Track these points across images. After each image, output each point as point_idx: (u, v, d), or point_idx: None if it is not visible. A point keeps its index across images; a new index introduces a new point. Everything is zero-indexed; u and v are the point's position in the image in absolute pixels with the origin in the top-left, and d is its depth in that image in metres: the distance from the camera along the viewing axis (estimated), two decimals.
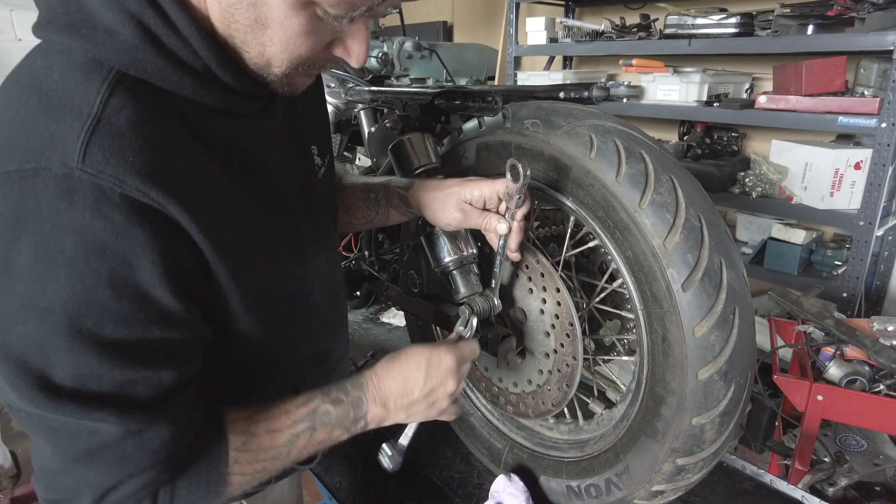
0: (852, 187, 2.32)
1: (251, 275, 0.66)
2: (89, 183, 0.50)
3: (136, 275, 0.54)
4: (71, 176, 0.50)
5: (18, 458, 2.21)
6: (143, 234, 0.53)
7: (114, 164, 0.51)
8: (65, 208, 0.50)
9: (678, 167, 0.86)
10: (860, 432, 1.77)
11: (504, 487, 1.09)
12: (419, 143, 1.04)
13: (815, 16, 2.23)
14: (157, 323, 0.57)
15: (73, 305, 0.52)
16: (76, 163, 0.50)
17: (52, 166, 0.50)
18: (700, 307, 0.79)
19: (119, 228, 0.52)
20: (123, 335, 0.55)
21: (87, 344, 0.53)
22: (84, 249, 0.51)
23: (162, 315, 0.57)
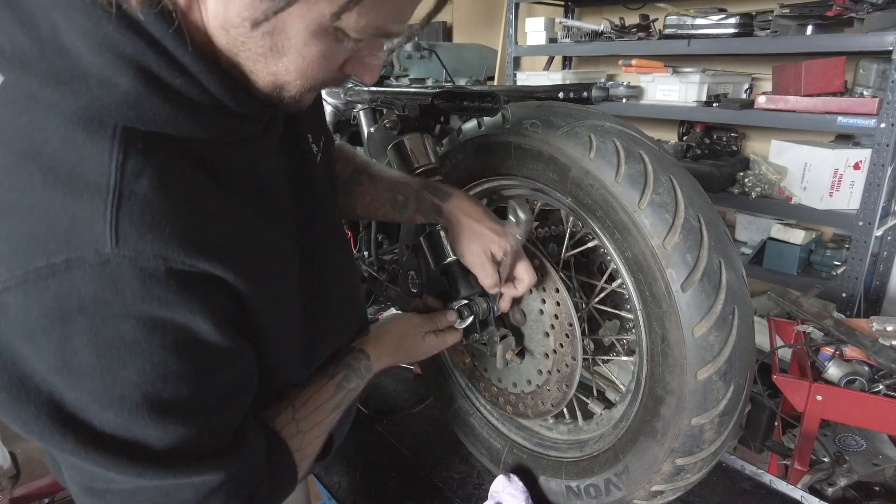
0: (851, 187, 2.32)
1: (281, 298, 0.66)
2: (130, 267, 0.47)
3: (200, 338, 0.53)
4: (109, 263, 0.47)
5: (18, 459, 2.21)
6: (198, 301, 0.52)
7: (150, 240, 0.48)
8: (113, 299, 0.48)
9: (677, 167, 0.86)
10: (859, 432, 1.77)
11: (503, 488, 1.09)
12: (418, 143, 1.04)
13: (815, 16, 2.23)
14: (224, 367, 0.58)
15: (147, 385, 0.51)
16: (111, 248, 0.47)
17: (85, 256, 0.46)
18: (699, 307, 0.79)
19: (173, 304, 0.50)
20: (202, 391, 0.55)
21: (171, 414, 0.53)
22: (143, 331, 0.50)
23: (232, 359, 0.59)
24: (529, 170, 0.98)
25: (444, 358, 1.36)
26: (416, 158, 1.06)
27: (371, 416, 1.48)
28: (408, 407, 1.52)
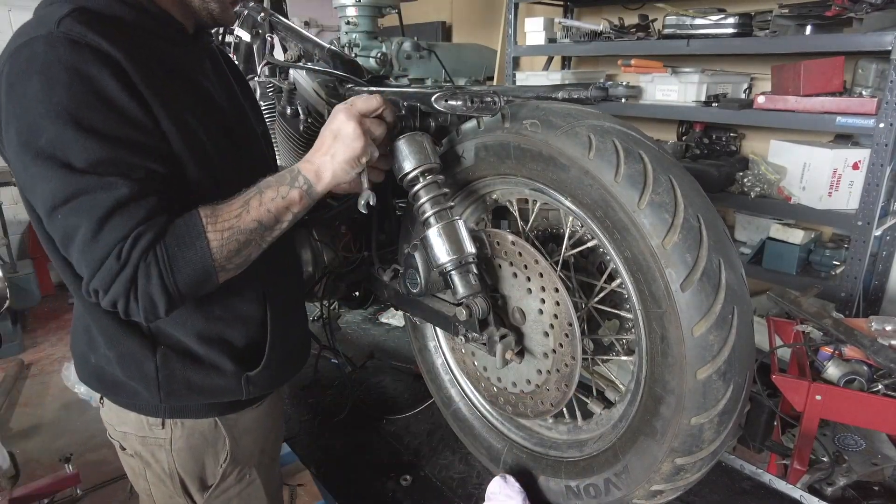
0: (850, 187, 2.33)
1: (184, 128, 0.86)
2: (64, 37, 0.77)
3: (105, 88, 0.78)
4: (51, 35, 0.77)
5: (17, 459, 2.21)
6: (104, 65, 0.78)
7: (78, 29, 0.77)
8: (50, 51, 0.76)
9: (677, 167, 0.86)
10: (858, 432, 1.77)
11: (500, 489, 1.09)
12: (417, 143, 1.04)
13: (814, 16, 2.23)
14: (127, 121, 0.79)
15: (71, 107, 0.75)
16: (54, 27, 0.77)
17: (39, 33, 0.78)
18: (699, 307, 0.79)
19: (87, 59, 0.77)
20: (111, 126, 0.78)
21: (89, 132, 0.76)
22: (68, 72, 0.76)
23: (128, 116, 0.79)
24: (529, 170, 0.99)
25: (443, 357, 1.36)
26: (415, 158, 1.06)
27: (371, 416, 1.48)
28: (407, 407, 1.52)
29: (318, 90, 1.64)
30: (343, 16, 1.95)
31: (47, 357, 3.55)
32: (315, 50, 1.66)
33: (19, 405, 3.07)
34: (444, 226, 0.99)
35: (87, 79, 0.77)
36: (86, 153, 0.76)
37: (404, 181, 1.04)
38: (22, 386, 3.25)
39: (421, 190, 1.02)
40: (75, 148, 0.76)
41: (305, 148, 1.85)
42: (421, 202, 1.01)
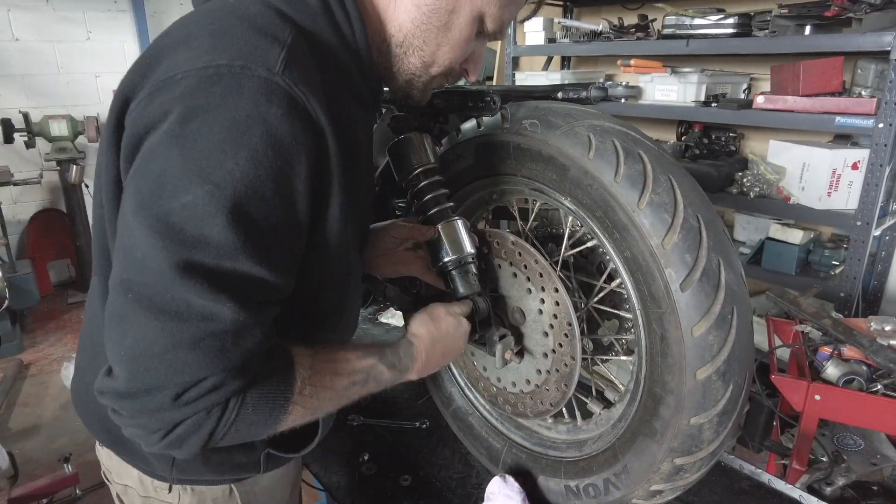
0: (850, 187, 2.33)
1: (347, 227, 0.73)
2: (285, 90, 0.60)
3: (294, 179, 0.62)
4: (272, 80, 0.60)
5: (16, 459, 2.21)
6: (309, 146, 0.63)
7: (303, 83, 0.62)
8: (263, 103, 0.59)
9: (676, 167, 0.86)
10: (857, 432, 1.77)
11: (499, 489, 1.09)
12: (417, 143, 1.04)
13: (813, 16, 2.24)
14: (289, 228, 0.64)
15: (242, 187, 0.58)
16: (278, 72, 0.61)
17: (257, 69, 0.60)
18: (698, 307, 0.79)
19: (297, 134, 0.61)
20: (268, 227, 0.61)
21: (241, 226, 0.59)
22: (268, 142, 0.59)
23: (294, 222, 0.65)
24: (528, 169, 0.99)
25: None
26: (414, 158, 1.06)
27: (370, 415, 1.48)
28: (407, 407, 1.52)
29: None
30: None
31: (46, 357, 3.55)
32: None
33: (18, 405, 3.07)
34: (443, 225, 0.98)
35: (284, 160, 0.60)
36: (221, 252, 0.58)
37: (404, 181, 1.04)
38: (21, 386, 3.25)
39: (420, 190, 1.02)
40: (213, 237, 0.57)
41: None
42: (420, 202, 1.01)
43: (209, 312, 0.57)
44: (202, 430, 0.61)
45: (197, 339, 0.57)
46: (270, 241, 0.62)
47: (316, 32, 0.70)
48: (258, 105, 0.59)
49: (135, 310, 0.58)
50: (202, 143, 0.58)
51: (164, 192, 0.58)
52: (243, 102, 0.59)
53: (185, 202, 0.57)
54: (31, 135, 3.80)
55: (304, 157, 0.62)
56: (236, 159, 0.58)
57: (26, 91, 4.14)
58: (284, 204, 0.62)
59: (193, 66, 0.61)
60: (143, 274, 0.57)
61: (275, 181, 0.60)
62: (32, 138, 3.83)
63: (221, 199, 0.57)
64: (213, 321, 0.58)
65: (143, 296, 0.57)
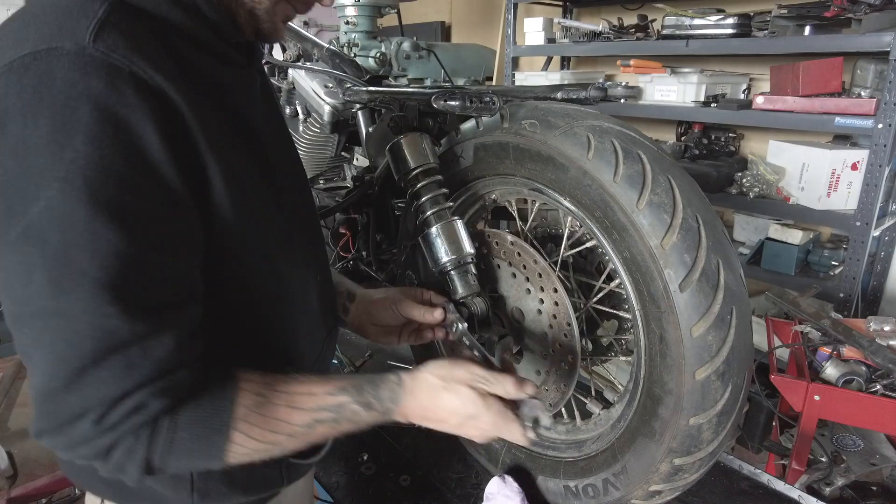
0: (849, 188, 2.33)
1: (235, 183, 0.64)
2: (101, 59, 0.53)
3: (146, 149, 0.55)
4: (83, 53, 0.53)
5: (15, 459, 2.20)
6: (151, 111, 0.55)
7: (122, 46, 0.54)
8: (79, 79, 0.52)
9: (676, 168, 0.86)
10: (857, 432, 1.77)
11: (499, 489, 1.09)
12: (416, 143, 1.04)
13: (812, 17, 2.24)
14: (164, 203, 0.57)
15: (91, 172, 0.52)
16: (88, 42, 0.53)
17: (64, 46, 0.53)
18: (697, 307, 0.79)
19: (130, 102, 0.54)
20: (139, 208, 0.55)
21: (106, 215, 0.53)
22: (98, 118, 0.52)
23: (170, 196, 0.57)
24: (528, 170, 0.99)
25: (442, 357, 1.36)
26: (414, 158, 1.06)
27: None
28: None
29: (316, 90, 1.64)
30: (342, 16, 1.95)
31: None
32: (314, 50, 1.66)
33: (18, 405, 3.07)
34: (443, 226, 0.98)
35: (125, 133, 0.53)
36: (96, 250, 0.52)
37: (403, 181, 1.04)
38: (20, 386, 3.24)
39: (420, 190, 1.02)
40: (83, 237, 0.52)
41: (304, 148, 1.85)
42: (420, 202, 1.01)
43: (102, 329, 0.53)
44: (135, 455, 0.57)
45: (97, 358, 0.54)
46: (147, 222, 0.55)
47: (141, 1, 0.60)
48: (75, 83, 0.52)
49: (30, 345, 0.55)
50: (32, 141, 0.52)
51: (13, 207, 0.52)
52: (58, 86, 0.52)
53: (39, 209, 0.51)
54: None
55: (148, 124, 0.55)
56: (74, 146, 0.52)
57: None
58: (146, 177, 0.55)
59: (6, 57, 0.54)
60: (27, 304, 0.53)
61: (124, 156, 0.53)
62: None
63: (76, 192, 0.51)
64: (107, 337, 0.53)
65: (33, 328, 0.54)
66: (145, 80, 0.55)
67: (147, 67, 0.55)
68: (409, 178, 1.05)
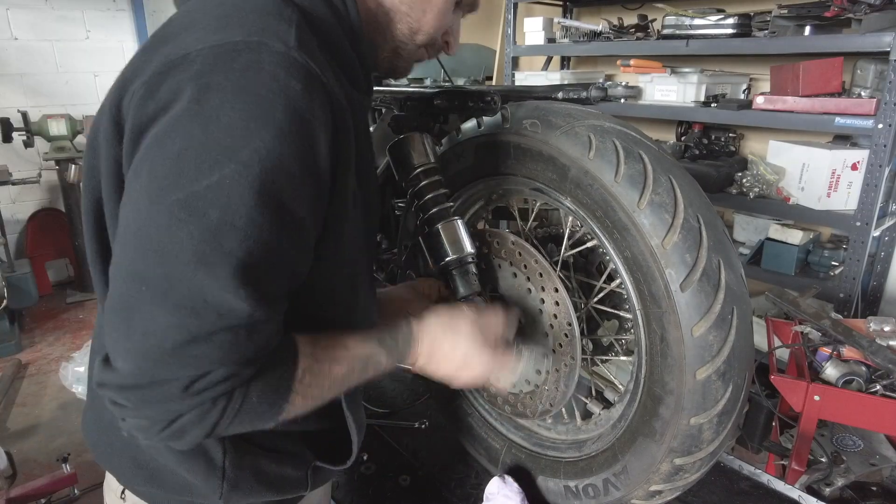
0: (849, 188, 2.33)
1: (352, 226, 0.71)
2: (303, 65, 0.58)
3: (317, 158, 0.60)
4: (290, 55, 0.58)
5: (14, 459, 2.20)
6: (328, 124, 0.60)
7: (316, 60, 0.60)
8: (283, 77, 0.56)
9: (677, 167, 0.86)
10: (857, 432, 1.77)
11: (499, 489, 1.09)
12: (417, 143, 1.04)
13: (812, 17, 2.24)
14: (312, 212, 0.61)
15: (269, 164, 0.55)
16: (294, 48, 0.58)
17: (274, 44, 0.58)
18: (698, 307, 0.79)
19: (316, 111, 0.59)
20: (297, 208, 0.58)
21: (271, 207, 0.56)
22: (290, 118, 0.56)
23: (319, 204, 0.63)
24: (529, 169, 0.98)
25: None
26: (414, 158, 1.06)
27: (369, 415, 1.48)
28: (406, 406, 1.51)
29: None
30: None
31: (44, 357, 3.54)
32: None
33: (16, 405, 3.07)
34: (443, 225, 0.98)
35: (307, 139, 0.57)
36: (248, 236, 0.54)
37: (404, 181, 1.04)
38: (19, 386, 3.24)
39: (420, 189, 1.02)
40: (241, 221, 0.54)
41: None
42: (420, 202, 1.01)
43: (227, 307, 0.55)
44: (206, 421, 0.59)
45: (211, 333, 0.55)
46: (296, 223, 0.59)
47: (312, 12, 0.66)
48: (279, 79, 0.56)
49: (148, 303, 0.55)
50: (224, 119, 0.54)
51: (184, 173, 0.54)
52: (264, 77, 0.56)
53: (210, 183, 0.53)
54: (29, 134, 3.79)
55: (323, 135, 0.59)
56: (262, 137, 0.55)
57: (25, 90, 4.13)
58: (309, 183, 0.60)
59: (206, 44, 0.58)
60: (161, 265, 0.54)
61: (300, 159, 0.57)
62: (31, 137, 3.82)
63: (250, 178, 0.54)
64: (229, 316, 0.56)
65: (158, 289, 0.54)
66: (330, 94, 0.61)
67: (333, 82, 0.62)
68: (409, 178, 1.04)
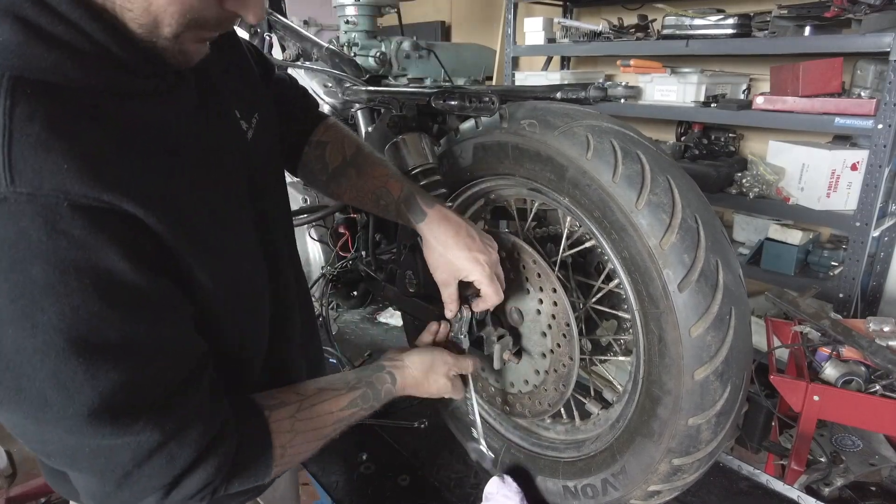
0: (849, 188, 2.33)
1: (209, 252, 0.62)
2: (30, 203, 0.46)
3: (118, 278, 0.51)
4: (7, 201, 0.46)
5: (14, 458, 2.20)
6: (107, 238, 0.50)
7: (47, 175, 0.47)
8: (17, 239, 0.46)
9: (675, 168, 0.86)
10: (856, 432, 1.77)
11: (498, 489, 1.09)
12: (416, 143, 1.04)
13: (812, 17, 2.24)
14: (157, 312, 0.55)
15: (70, 328, 0.49)
16: (5, 186, 0.46)
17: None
18: (696, 308, 0.79)
19: (82, 241, 0.48)
20: (128, 336, 0.53)
21: (101, 358, 0.51)
22: (55, 272, 0.48)
23: (158, 304, 0.56)
24: (527, 170, 0.98)
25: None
26: (413, 158, 1.06)
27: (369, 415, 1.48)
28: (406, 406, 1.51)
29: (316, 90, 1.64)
30: (342, 15, 1.95)
31: None
32: (314, 49, 1.66)
33: None
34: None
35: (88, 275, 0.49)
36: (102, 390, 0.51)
37: None
38: None
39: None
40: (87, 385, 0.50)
41: None
42: None
43: (135, 444, 0.55)
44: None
45: (139, 464, 0.56)
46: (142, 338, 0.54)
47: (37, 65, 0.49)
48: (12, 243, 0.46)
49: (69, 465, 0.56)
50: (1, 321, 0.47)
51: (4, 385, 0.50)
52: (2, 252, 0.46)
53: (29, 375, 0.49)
54: None
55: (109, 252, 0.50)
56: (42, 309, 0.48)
57: None
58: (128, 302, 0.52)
59: None
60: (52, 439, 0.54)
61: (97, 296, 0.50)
62: None
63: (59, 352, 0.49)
64: (143, 447, 0.55)
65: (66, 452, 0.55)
66: (88, 206, 0.49)
67: (83, 185, 0.48)
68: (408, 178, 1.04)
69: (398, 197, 0.94)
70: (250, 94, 0.84)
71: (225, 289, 0.65)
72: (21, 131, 0.47)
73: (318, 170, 1.00)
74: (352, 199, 1.01)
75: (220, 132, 0.73)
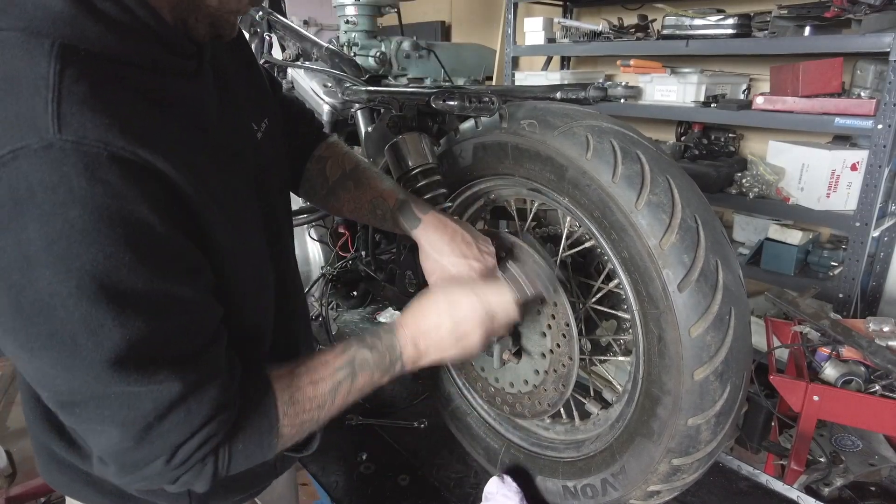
0: (849, 188, 2.33)
1: (229, 222, 0.65)
2: (74, 151, 0.49)
3: (149, 231, 0.53)
4: (52, 147, 0.48)
5: (14, 458, 2.20)
6: (143, 191, 0.53)
7: (91, 127, 0.50)
8: (58, 181, 0.48)
9: (675, 168, 0.86)
10: (856, 432, 1.77)
11: (497, 489, 1.09)
12: (415, 143, 1.04)
13: (812, 17, 2.24)
14: (182, 270, 0.58)
15: (102, 274, 0.51)
16: (53, 133, 0.48)
17: (29, 143, 0.48)
18: (696, 308, 0.79)
19: (118, 190, 0.51)
20: (156, 289, 0.55)
21: (130, 306, 0.53)
22: (93, 218, 0.50)
23: (184, 263, 0.58)
24: (527, 170, 0.98)
25: None
26: (413, 158, 1.06)
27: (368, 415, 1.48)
28: (405, 406, 1.52)
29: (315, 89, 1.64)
30: (342, 15, 1.95)
31: None
32: (313, 49, 1.66)
33: (16, 404, 3.07)
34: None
35: (123, 225, 0.51)
36: (129, 338, 0.53)
37: (402, 181, 1.04)
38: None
39: (419, 189, 1.02)
40: (115, 332, 0.53)
41: None
42: None
43: (157, 393, 0.57)
44: (203, 477, 0.64)
45: (160, 416, 0.58)
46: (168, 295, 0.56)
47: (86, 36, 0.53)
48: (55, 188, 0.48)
49: (92, 417, 0.57)
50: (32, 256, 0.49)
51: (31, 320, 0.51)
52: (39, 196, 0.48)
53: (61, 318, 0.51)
54: None
55: (143, 206, 0.52)
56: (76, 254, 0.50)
57: None
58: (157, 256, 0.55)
59: None
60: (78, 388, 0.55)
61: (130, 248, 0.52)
62: None
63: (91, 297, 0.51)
64: (165, 397, 0.57)
65: (90, 404, 0.56)
66: (126, 159, 0.52)
67: (123, 140, 0.51)
68: (408, 178, 1.04)
69: (393, 205, 0.94)
70: (261, 98, 0.88)
71: (238, 261, 0.67)
72: (69, 90, 0.50)
73: (319, 184, 1.02)
74: (350, 212, 1.01)
75: (236, 124, 0.76)
